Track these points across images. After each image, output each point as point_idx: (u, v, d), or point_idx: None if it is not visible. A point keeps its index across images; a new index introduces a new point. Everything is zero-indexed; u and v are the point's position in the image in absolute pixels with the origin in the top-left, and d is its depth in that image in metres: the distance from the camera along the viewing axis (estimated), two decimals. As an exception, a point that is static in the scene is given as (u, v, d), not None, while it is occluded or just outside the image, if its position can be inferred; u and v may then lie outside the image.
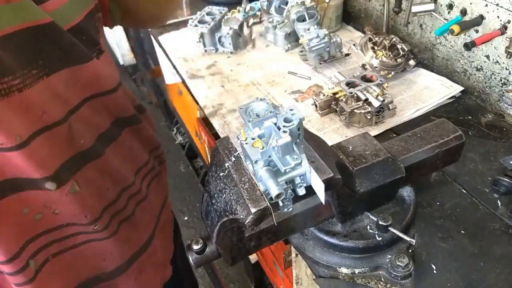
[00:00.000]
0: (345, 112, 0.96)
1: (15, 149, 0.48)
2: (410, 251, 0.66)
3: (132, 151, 0.67)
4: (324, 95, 1.00)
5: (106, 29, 0.71)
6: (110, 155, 0.60)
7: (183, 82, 1.27)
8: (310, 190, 0.53)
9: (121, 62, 3.21)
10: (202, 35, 1.30)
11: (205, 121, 1.32)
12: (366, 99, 0.94)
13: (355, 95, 0.96)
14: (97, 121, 0.59)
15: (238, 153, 0.54)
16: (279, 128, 0.47)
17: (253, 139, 0.49)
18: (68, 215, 0.56)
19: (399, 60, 1.09)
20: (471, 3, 0.94)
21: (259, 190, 0.49)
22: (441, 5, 1.02)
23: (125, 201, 0.63)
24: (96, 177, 0.58)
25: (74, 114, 0.54)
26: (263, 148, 0.48)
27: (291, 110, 0.48)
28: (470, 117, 0.98)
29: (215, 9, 1.34)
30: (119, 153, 0.62)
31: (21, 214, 0.52)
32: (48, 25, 0.49)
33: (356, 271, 0.65)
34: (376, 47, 1.11)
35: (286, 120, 0.48)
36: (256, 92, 1.14)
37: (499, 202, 0.75)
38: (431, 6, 1.02)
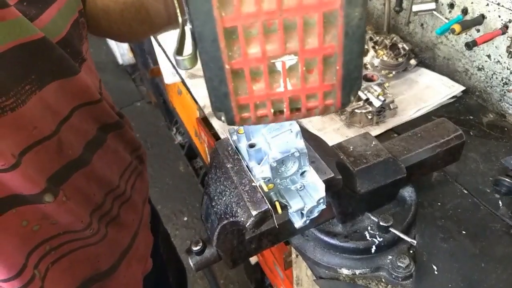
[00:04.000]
0: (345, 112, 0.96)
1: (10, 169, 0.48)
2: (411, 251, 0.65)
3: (117, 154, 0.69)
4: (324, 95, 1.00)
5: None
6: (96, 161, 0.62)
7: (183, 81, 1.26)
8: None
9: (120, 62, 3.21)
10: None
11: (205, 121, 1.31)
12: (367, 99, 0.94)
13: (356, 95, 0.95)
14: (85, 129, 0.61)
15: (238, 156, 0.54)
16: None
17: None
18: (65, 223, 0.57)
19: (400, 59, 1.08)
20: (472, 2, 0.94)
21: (260, 192, 0.49)
22: (442, 4, 1.02)
23: (110, 204, 0.65)
24: (82, 185, 0.59)
25: (64, 125, 0.56)
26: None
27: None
28: (471, 117, 0.97)
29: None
30: (105, 158, 0.64)
31: (20, 227, 0.53)
32: (40, 40, 0.50)
33: (357, 272, 0.65)
34: (377, 46, 1.10)
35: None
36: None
37: (500, 202, 0.75)
38: (432, 5, 1.01)
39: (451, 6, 0.99)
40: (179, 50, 0.32)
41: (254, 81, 0.32)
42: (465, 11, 0.96)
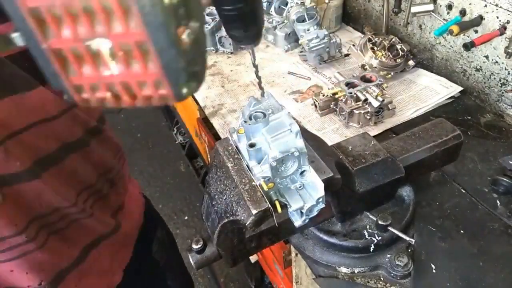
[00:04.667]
0: (344, 112, 0.96)
1: None
2: (409, 250, 0.66)
3: (75, 175, 0.67)
4: (323, 95, 1.01)
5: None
6: (48, 178, 0.61)
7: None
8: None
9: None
10: (201, 35, 1.30)
11: (205, 121, 1.32)
12: (366, 99, 0.95)
13: (355, 95, 0.96)
14: (39, 146, 0.60)
15: (238, 155, 0.55)
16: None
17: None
18: None
19: (398, 60, 1.09)
20: (470, 4, 0.94)
21: (260, 191, 0.49)
22: (440, 6, 1.02)
23: (58, 217, 0.64)
24: (26, 196, 0.59)
25: (12, 139, 0.56)
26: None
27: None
28: (469, 117, 0.98)
29: (215, 10, 1.34)
30: (58, 177, 0.63)
31: None
32: None
33: (356, 270, 0.65)
34: (375, 48, 1.11)
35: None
36: (256, 93, 1.14)
37: (498, 202, 0.75)
38: (430, 7, 1.02)
39: (449, 7, 1.00)
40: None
41: (80, 62, 0.33)
42: (463, 12, 0.97)
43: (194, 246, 0.58)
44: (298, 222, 0.52)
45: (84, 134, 0.68)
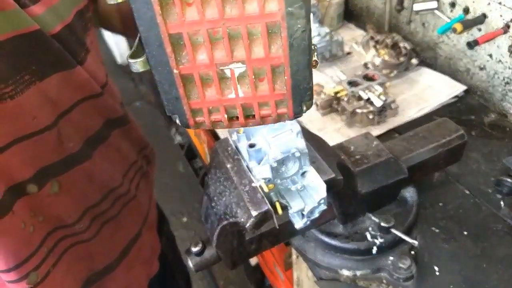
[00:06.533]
0: (346, 112, 0.95)
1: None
2: (412, 252, 0.65)
3: (120, 152, 0.68)
4: (325, 94, 1.00)
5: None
6: (97, 158, 0.61)
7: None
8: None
9: (119, 61, 3.21)
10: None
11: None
12: (368, 99, 0.94)
13: (357, 95, 0.95)
14: (87, 124, 0.60)
15: (238, 156, 0.53)
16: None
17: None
18: (51, 218, 0.57)
19: (401, 59, 1.08)
20: (473, 2, 0.93)
21: (260, 192, 0.48)
22: (443, 4, 1.01)
23: (110, 203, 0.65)
24: (80, 180, 0.59)
25: (64, 118, 0.56)
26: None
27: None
28: (473, 117, 0.97)
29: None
30: (107, 155, 0.63)
31: (20, 229, 0.53)
32: (37, 32, 0.50)
33: (358, 273, 0.64)
34: (378, 46, 1.10)
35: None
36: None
37: (502, 202, 0.74)
38: (433, 4, 1.01)
39: (453, 5, 0.99)
40: (134, 54, 0.33)
41: (205, 86, 0.33)
42: (466, 10, 0.96)
43: (193, 248, 0.57)
44: (299, 224, 0.51)
45: (123, 111, 0.69)
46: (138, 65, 0.32)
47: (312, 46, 0.32)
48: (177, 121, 0.35)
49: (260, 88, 0.33)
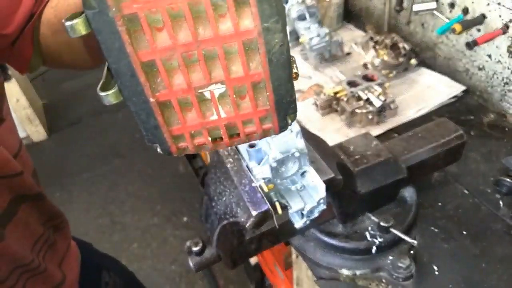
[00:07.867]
0: (346, 112, 0.95)
1: None
2: (411, 252, 0.65)
3: (28, 226, 0.63)
4: (325, 94, 1.00)
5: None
6: (9, 236, 0.57)
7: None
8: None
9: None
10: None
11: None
12: (368, 99, 0.94)
13: (356, 95, 0.95)
14: None
15: (238, 156, 0.54)
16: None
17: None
18: None
19: (400, 59, 1.08)
20: (473, 2, 0.93)
21: (260, 192, 0.49)
22: (443, 4, 1.01)
23: (15, 279, 0.60)
24: None
25: None
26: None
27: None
28: (472, 117, 0.97)
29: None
30: (16, 232, 0.59)
31: None
32: None
33: (357, 272, 0.64)
34: (377, 46, 1.10)
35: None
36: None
37: (501, 202, 0.75)
38: (433, 5, 1.01)
39: (452, 5, 0.99)
40: (104, 85, 0.30)
41: (185, 111, 0.32)
42: (465, 11, 0.96)
43: (193, 248, 0.57)
44: (298, 223, 0.51)
45: (33, 181, 0.63)
46: (110, 98, 0.30)
47: (291, 58, 0.31)
48: (158, 150, 0.34)
49: (242, 106, 0.32)
